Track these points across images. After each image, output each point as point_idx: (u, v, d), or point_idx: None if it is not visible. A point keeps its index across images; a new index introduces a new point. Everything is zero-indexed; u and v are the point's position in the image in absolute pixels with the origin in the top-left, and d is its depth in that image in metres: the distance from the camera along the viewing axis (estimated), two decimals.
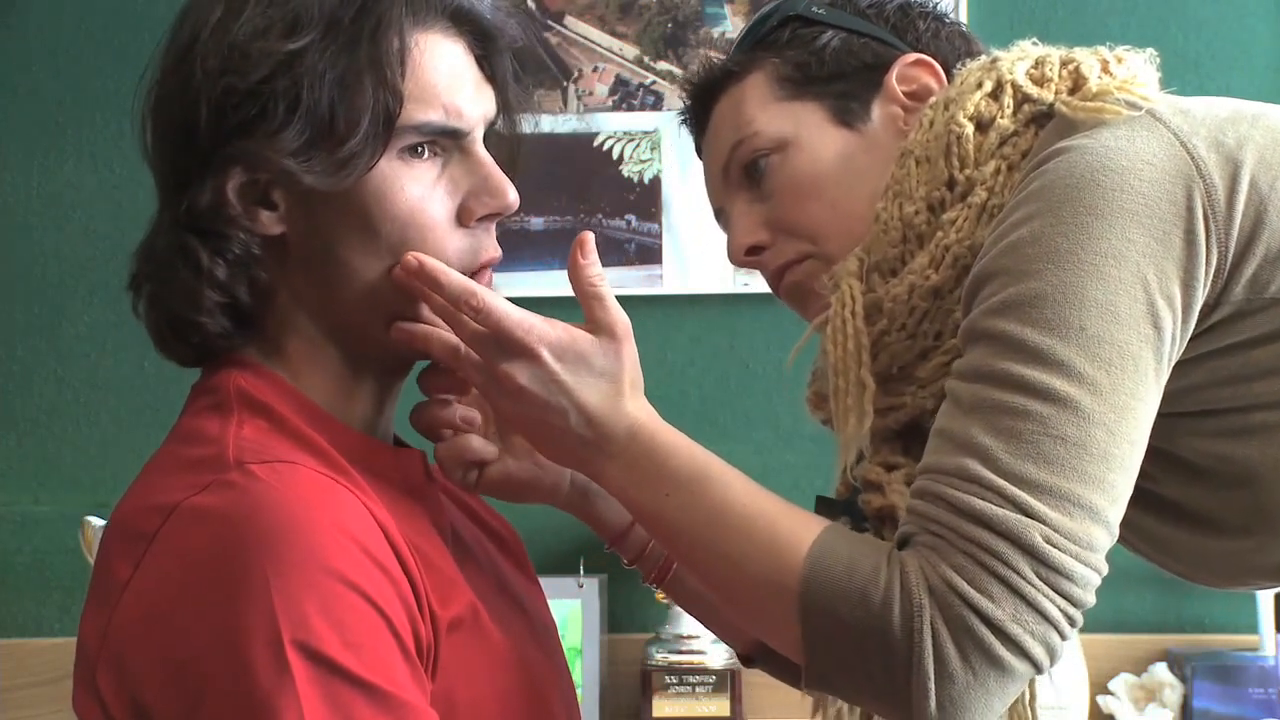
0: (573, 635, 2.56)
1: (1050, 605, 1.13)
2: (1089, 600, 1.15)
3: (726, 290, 2.69)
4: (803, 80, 1.41)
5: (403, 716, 1.08)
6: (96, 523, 2.38)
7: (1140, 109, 1.26)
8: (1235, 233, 1.21)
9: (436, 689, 1.14)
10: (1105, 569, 1.16)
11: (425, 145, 1.21)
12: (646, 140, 2.71)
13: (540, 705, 1.26)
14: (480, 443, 1.33)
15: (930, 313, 1.32)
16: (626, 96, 2.72)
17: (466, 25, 1.25)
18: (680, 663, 2.55)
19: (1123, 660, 2.61)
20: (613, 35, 2.73)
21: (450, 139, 1.22)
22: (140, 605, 1.10)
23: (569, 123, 2.70)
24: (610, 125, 2.72)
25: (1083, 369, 1.16)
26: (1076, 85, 1.32)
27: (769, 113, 1.41)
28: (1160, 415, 1.20)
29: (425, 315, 1.23)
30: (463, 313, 1.20)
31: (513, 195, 1.24)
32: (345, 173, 1.17)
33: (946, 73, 1.41)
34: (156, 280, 1.22)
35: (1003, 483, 1.14)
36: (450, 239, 1.22)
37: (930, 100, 1.38)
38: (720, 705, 2.53)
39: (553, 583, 2.44)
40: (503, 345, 1.21)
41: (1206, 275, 1.20)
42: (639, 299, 2.67)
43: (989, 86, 1.35)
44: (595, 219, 2.70)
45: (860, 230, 1.37)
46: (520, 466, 1.35)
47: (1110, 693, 2.57)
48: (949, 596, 1.13)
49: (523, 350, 1.20)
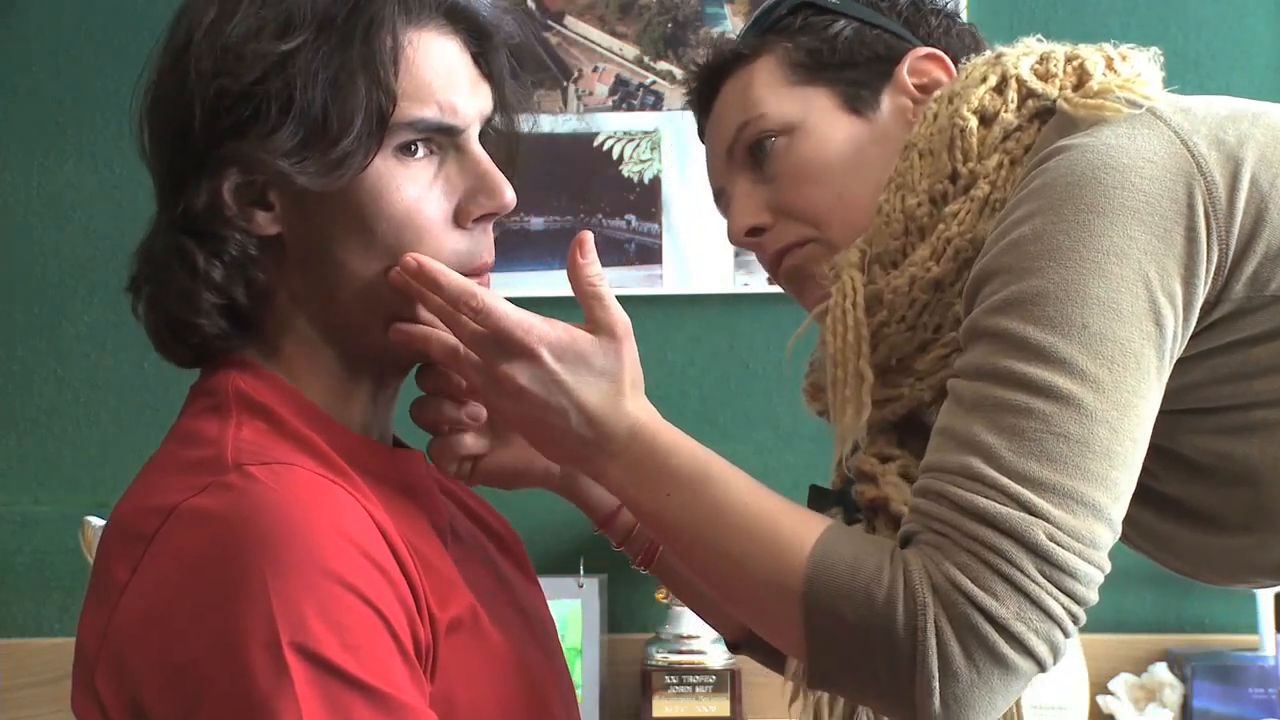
0: (573, 635, 2.56)
1: (1054, 603, 1.13)
2: (1092, 598, 1.15)
3: (726, 290, 2.69)
4: (814, 66, 1.42)
5: (402, 718, 1.08)
6: (96, 523, 2.38)
7: (1141, 107, 1.26)
8: (1236, 230, 1.21)
9: (436, 690, 1.14)
10: (1108, 566, 1.16)
11: (420, 144, 1.21)
12: (646, 140, 2.71)
13: (540, 706, 1.26)
14: (473, 439, 1.33)
15: (930, 305, 1.32)
16: (626, 96, 2.72)
17: (462, 23, 1.24)
18: (680, 663, 2.55)
19: (1123, 660, 2.61)
20: (613, 35, 2.72)
21: (445, 136, 1.22)
22: (139, 606, 1.10)
23: (569, 123, 2.70)
24: (610, 125, 2.72)
25: (1085, 366, 1.16)
26: (1081, 81, 1.33)
27: (779, 96, 1.42)
28: (1161, 412, 1.20)
29: (423, 316, 1.22)
30: (462, 314, 1.20)
31: (509, 195, 1.24)
32: (339, 173, 1.17)
33: (956, 68, 1.41)
34: (154, 282, 1.22)
35: (1006, 481, 1.14)
36: (447, 239, 1.22)
37: (935, 94, 1.39)
38: (720, 705, 2.53)
39: (553, 583, 2.44)
40: (502, 346, 1.20)
41: (1207, 272, 1.21)
42: (639, 299, 2.67)
43: (993, 81, 1.35)
44: (595, 219, 2.70)
45: (863, 218, 1.37)
46: (511, 455, 1.36)
47: (1110, 693, 2.57)
48: (953, 595, 1.13)
49: (522, 351, 1.20)
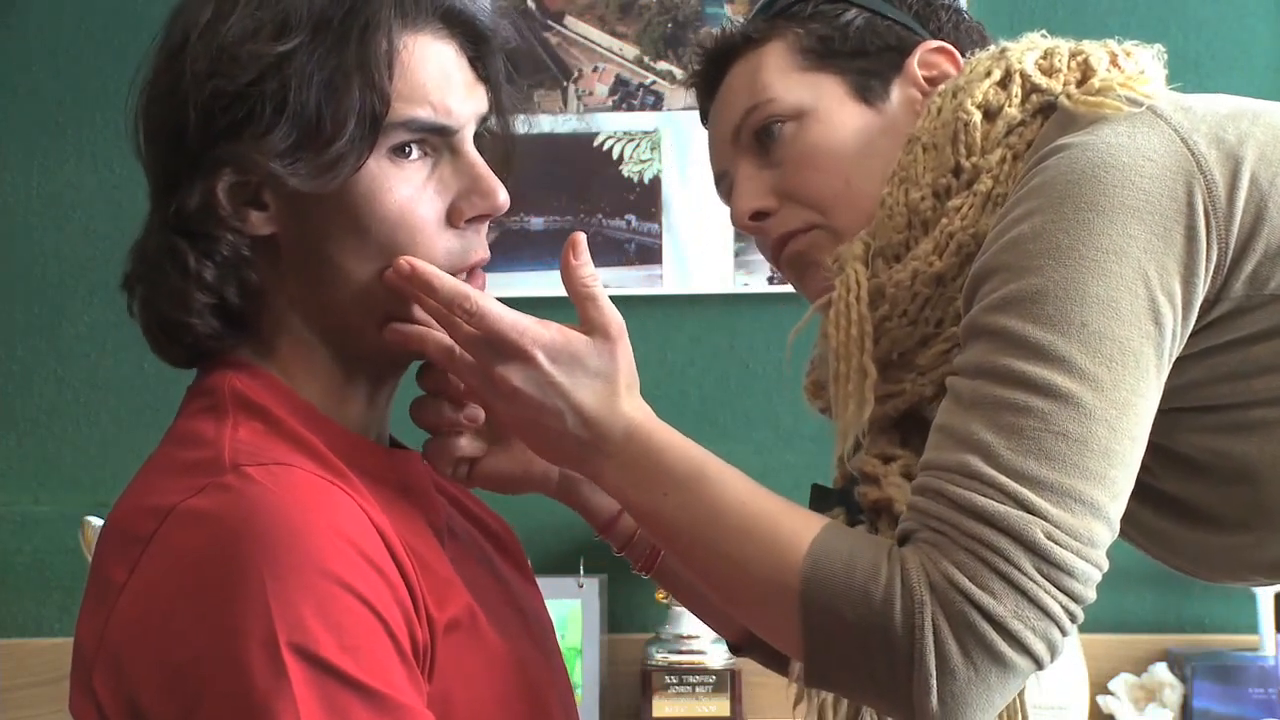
0: (573, 635, 2.56)
1: (1051, 601, 1.13)
2: (1090, 596, 1.15)
3: (726, 290, 2.69)
4: (825, 53, 1.41)
5: (399, 718, 1.08)
6: (96, 523, 2.38)
7: (1142, 105, 1.26)
8: (1236, 229, 1.21)
9: (433, 691, 1.14)
10: (1106, 565, 1.16)
11: (415, 145, 1.21)
12: (646, 140, 2.71)
13: (538, 706, 1.26)
14: (468, 440, 1.33)
15: (932, 300, 1.32)
16: (626, 96, 2.72)
17: (458, 26, 1.25)
18: (680, 663, 2.55)
19: (1123, 660, 2.61)
20: (613, 35, 2.72)
21: (439, 137, 1.22)
22: (136, 608, 1.10)
23: (569, 123, 2.70)
24: (610, 125, 2.72)
25: (1084, 365, 1.16)
26: (1085, 77, 1.33)
27: (788, 81, 1.42)
28: (1160, 411, 1.20)
29: (418, 316, 1.23)
30: (456, 316, 1.20)
31: (503, 196, 1.24)
32: (332, 175, 1.17)
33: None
34: (146, 281, 1.22)
35: (1004, 479, 1.14)
36: (440, 239, 1.22)
37: (939, 88, 1.39)
38: (720, 705, 2.53)
39: (553, 583, 2.45)
40: (497, 348, 1.21)
41: (1207, 271, 1.21)
42: (639, 299, 2.67)
43: (998, 75, 1.35)
44: (595, 219, 2.70)
45: (869, 207, 1.37)
46: (510, 458, 1.35)
47: (1110, 693, 2.57)
48: (950, 593, 1.13)
49: (517, 353, 1.20)
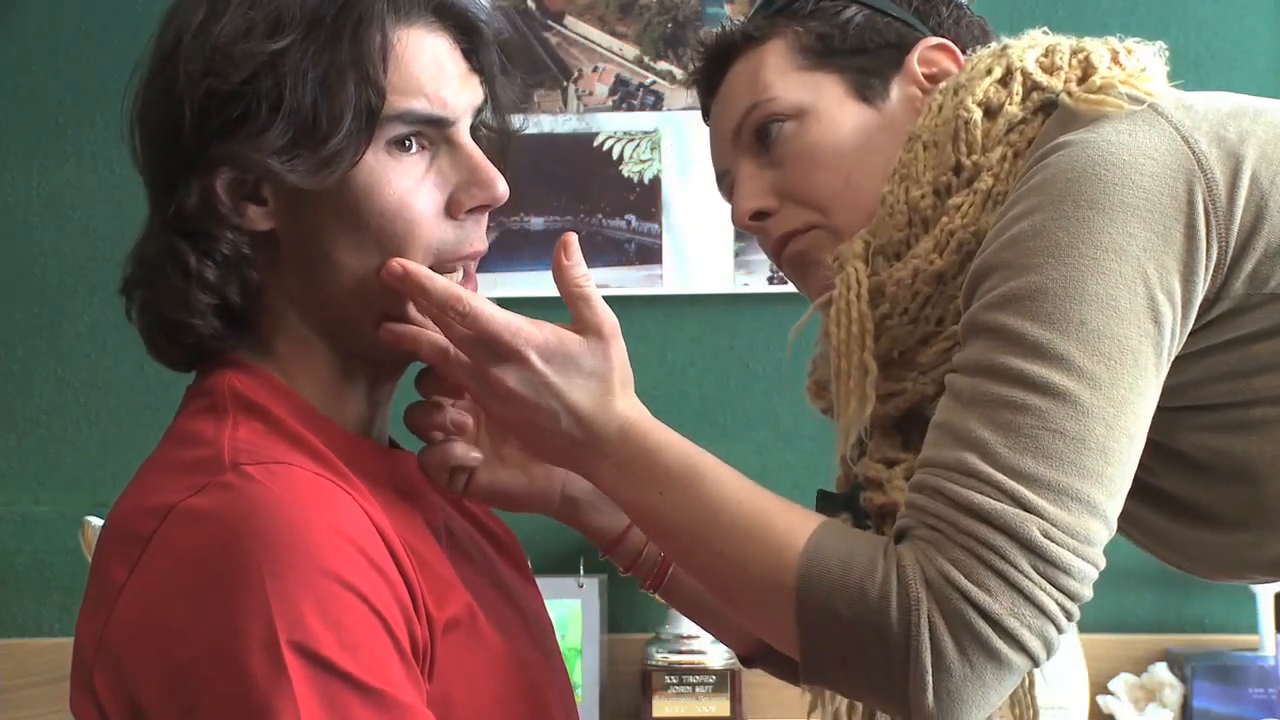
0: (573, 635, 2.56)
1: (1047, 599, 1.13)
2: (1086, 594, 1.15)
3: (726, 290, 2.69)
4: (825, 51, 1.41)
5: (399, 717, 1.08)
6: (96, 523, 2.38)
7: (1143, 103, 1.26)
8: (1236, 228, 1.21)
9: (433, 690, 1.14)
10: (1103, 563, 1.16)
11: (412, 138, 1.21)
12: (646, 140, 2.71)
13: (538, 706, 1.26)
14: (462, 449, 1.31)
15: (933, 298, 1.32)
16: (626, 96, 2.72)
17: (451, 19, 1.25)
18: (680, 663, 2.55)
19: (1123, 660, 2.61)
20: (613, 35, 2.73)
21: (436, 129, 1.22)
22: (137, 607, 1.10)
23: (569, 123, 2.70)
24: (610, 125, 2.72)
25: (1082, 363, 1.16)
26: (1086, 75, 1.32)
27: (788, 80, 1.41)
28: (1160, 409, 1.20)
29: (414, 316, 1.23)
30: (449, 318, 1.21)
31: (502, 187, 1.24)
32: (329, 170, 1.17)
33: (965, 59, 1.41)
34: (147, 285, 1.22)
35: (1001, 477, 1.14)
36: (437, 231, 1.22)
37: (940, 85, 1.39)
38: (720, 705, 2.53)
39: (553, 583, 2.45)
40: (490, 349, 1.21)
41: (1207, 270, 1.20)
42: (639, 299, 2.67)
43: (998, 73, 1.35)
44: (595, 219, 2.70)
45: (869, 206, 1.37)
46: (510, 476, 1.34)
47: (1110, 693, 2.57)
48: (946, 590, 1.13)
49: (510, 354, 1.21)
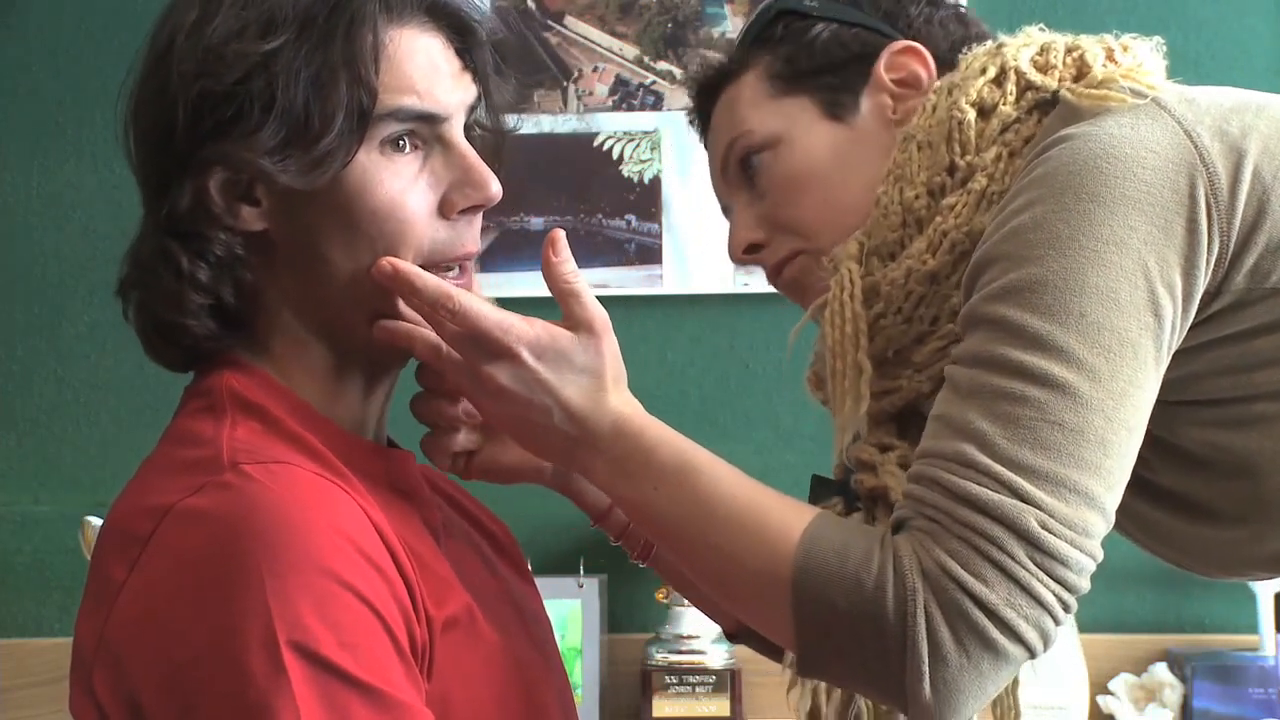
0: (573, 635, 2.56)
1: (1044, 590, 1.13)
2: (1083, 586, 1.16)
3: (726, 290, 2.69)
4: (792, 76, 1.42)
5: (398, 716, 1.08)
6: (96, 523, 2.38)
7: (1145, 97, 1.26)
8: (1237, 222, 1.21)
9: (432, 689, 1.14)
10: (1100, 555, 1.16)
11: (406, 138, 1.21)
12: (646, 140, 2.71)
13: (536, 705, 1.26)
14: (466, 435, 1.33)
15: (926, 297, 1.32)
16: (626, 96, 2.72)
17: (444, 19, 1.25)
18: (680, 663, 2.55)
19: (1123, 660, 2.61)
20: (613, 35, 2.72)
21: (428, 127, 1.22)
22: (136, 607, 1.10)
23: (569, 123, 2.70)
24: (610, 125, 2.71)
25: (1082, 355, 1.16)
26: (1080, 73, 1.33)
27: (761, 111, 1.42)
28: (1160, 404, 1.20)
29: (407, 313, 1.23)
30: (440, 316, 1.21)
31: (495, 187, 1.24)
32: (321, 170, 1.18)
33: (938, 59, 1.41)
34: (141, 286, 1.22)
35: (999, 468, 1.14)
36: (431, 231, 1.22)
37: (935, 85, 1.39)
38: (720, 705, 2.53)
39: (553, 583, 2.45)
40: (482, 346, 1.21)
41: (1207, 264, 1.21)
42: (639, 299, 2.67)
43: (992, 72, 1.35)
44: (595, 219, 2.70)
45: (852, 222, 1.37)
46: (505, 451, 1.36)
47: (1110, 693, 2.57)
48: (943, 580, 1.13)
49: (502, 351, 1.21)
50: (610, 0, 2.72)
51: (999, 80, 1.34)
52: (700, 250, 2.69)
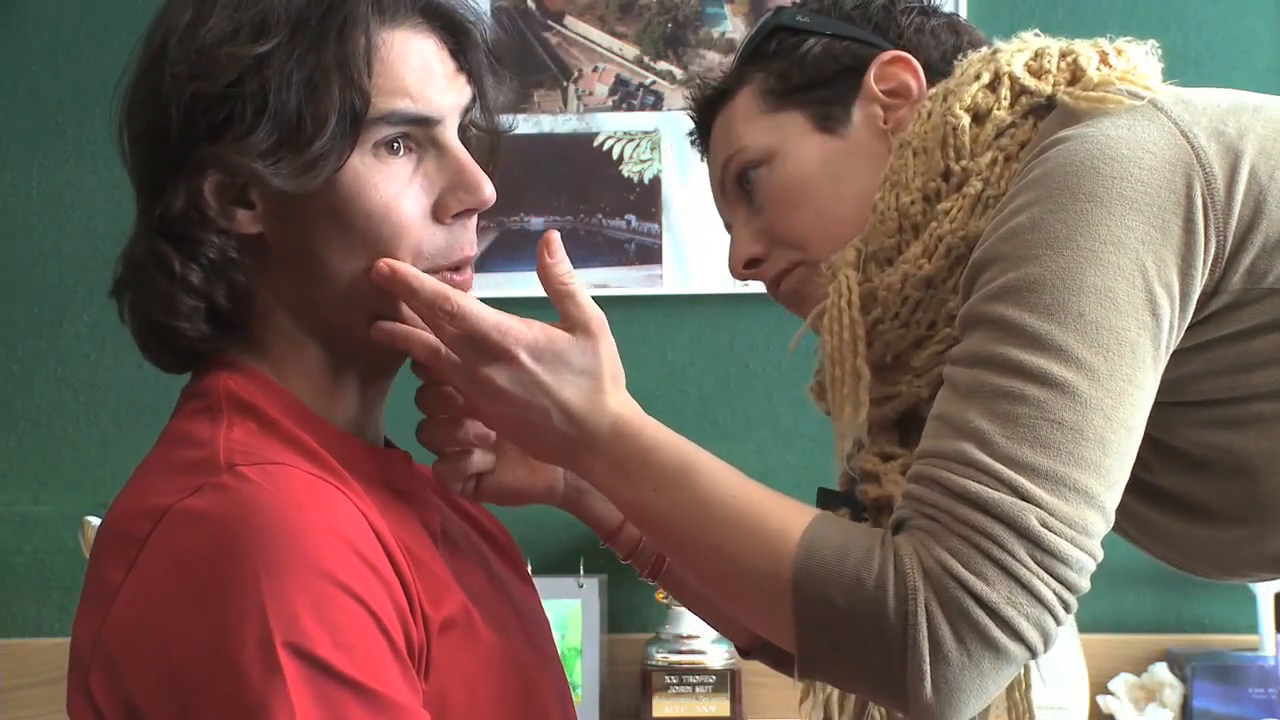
0: (573, 635, 2.56)
1: (1045, 589, 1.13)
2: (1084, 585, 1.16)
3: (726, 290, 2.69)
4: (784, 91, 1.43)
5: (394, 717, 1.08)
6: (96, 523, 2.37)
7: (1142, 99, 1.27)
8: (1234, 222, 1.21)
9: (430, 690, 1.15)
10: (1100, 554, 1.16)
11: (399, 141, 1.21)
12: (646, 140, 2.71)
13: (535, 705, 1.26)
14: (479, 457, 1.33)
15: (923, 302, 1.33)
16: (626, 96, 2.72)
17: (438, 20, 1.25)
18: (680, 663, 2.55)
19: (1123, 660, 2.61)
20: (613, 35, 2.72)
21: (422, 130, 1.22)
22: (133, 608, 1.10)
23: (569, 123, 2.70)
24: (610, 125, 2.71)
25: (1080, 354, 1.16)
26: (1075, 77, 1.33)
27: (755, 127, 1.43)
28: (1158, 404, 1.20)
29: (405, 315, 1.23)
30: (438, 317, 1.21)
31: (488, 190, 1.24)
32: (314, 173, 1.18)
33: (928, 68, 1.41)
34: (134, 287, 1.23)
35: (999, 467, 1.14)
36: (425, 235, 1.22)
37: (930, 92, 1.39)
38: (720, 705, 2.53)
39: (552, 583, 2.46)
40: (480, 348, 1.21)
41: (1205, 264, 1.21)
42: (639, 299, 2.67)
43: (987, 78, 1.35)
44: (595, 219, 2.70)
45: (847, 232, 1.38)
46: (514, 473, 1.36)
47: (1110, 693, 2.57)
48: (943, 579, 1.13)
49: (500, 353, 1.21)
50: (610, 0, 2.72)
51: (993, 86, 1.35)
52: (700, 250, 2.68)
